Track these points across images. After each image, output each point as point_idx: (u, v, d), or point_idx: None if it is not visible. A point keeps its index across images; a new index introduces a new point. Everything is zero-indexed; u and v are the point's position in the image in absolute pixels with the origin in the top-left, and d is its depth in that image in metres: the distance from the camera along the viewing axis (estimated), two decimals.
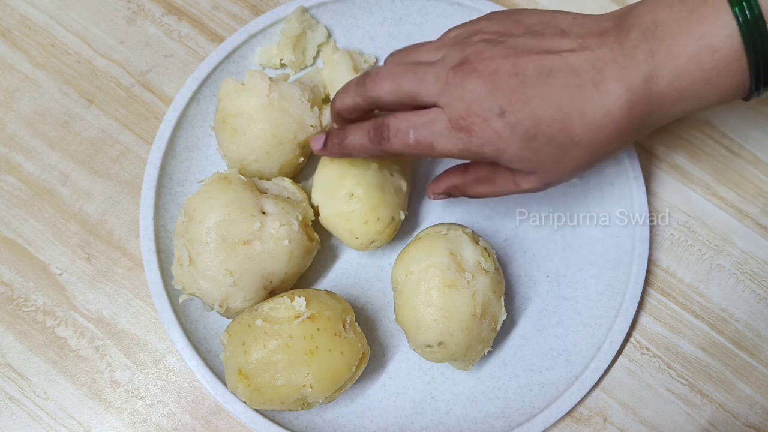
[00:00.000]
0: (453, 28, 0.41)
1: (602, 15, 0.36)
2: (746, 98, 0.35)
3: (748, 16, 0.31)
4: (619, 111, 0.34)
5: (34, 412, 0.46)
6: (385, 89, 0.38)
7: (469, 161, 0.42)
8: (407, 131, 0.37)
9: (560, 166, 0.37)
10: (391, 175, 0.45)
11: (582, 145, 0.35)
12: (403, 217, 0.45)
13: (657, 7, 0.34)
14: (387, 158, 0.45)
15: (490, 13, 0.40)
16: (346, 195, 0.43)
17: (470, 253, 0.42)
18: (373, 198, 0.43)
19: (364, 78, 0.39)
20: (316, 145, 0.42)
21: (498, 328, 0.42)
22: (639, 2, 0.35)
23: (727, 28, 0.31)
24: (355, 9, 0.52)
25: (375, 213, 0.43)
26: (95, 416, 0.46)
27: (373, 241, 0.44)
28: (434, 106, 0.37)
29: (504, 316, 0.42)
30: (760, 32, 0.31)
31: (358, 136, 0.40)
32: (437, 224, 0.45)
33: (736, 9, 0.31)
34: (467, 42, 0.37)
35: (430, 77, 0.37)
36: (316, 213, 0.45)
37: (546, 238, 0.49)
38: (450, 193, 0.43)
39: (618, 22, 0.35)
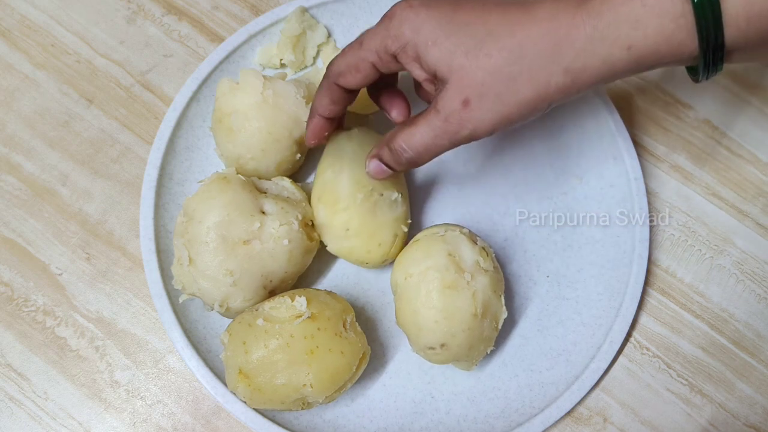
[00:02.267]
0: None
1: None
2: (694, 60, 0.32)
3: None
4: (541, 12, 0.33)
5: (34, 412, 0.46)
6: (346, 50, 0.39)
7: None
8: (344, 48, 0.39)
9: (473, 59, 0.34)
10: (381, 194, 0.44)
11: (496, 35, 0.33)
12: (406, 229, 0.45)
13: None
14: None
15: None
16: (342, 231, 0.43)
17: (468, 253, 0.42)
18: (368, 227, 0.43)
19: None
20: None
21: (499, 327, 0.42)
22: None
23: None
24: (355, 9, 0.52)
25: (375, 240, 0.43)
26: (95, 416, 0.46)
27: (384, 261, 0.45)
28: None
29: (505, 315, 0.42)
30: None
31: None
32: (434, 225, 0.45)
33: None
34: None
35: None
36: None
37: (546, 238, 0.49)
38: (380, 156, 0.39)
39: None
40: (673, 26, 0.31)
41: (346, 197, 0.43)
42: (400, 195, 0.45)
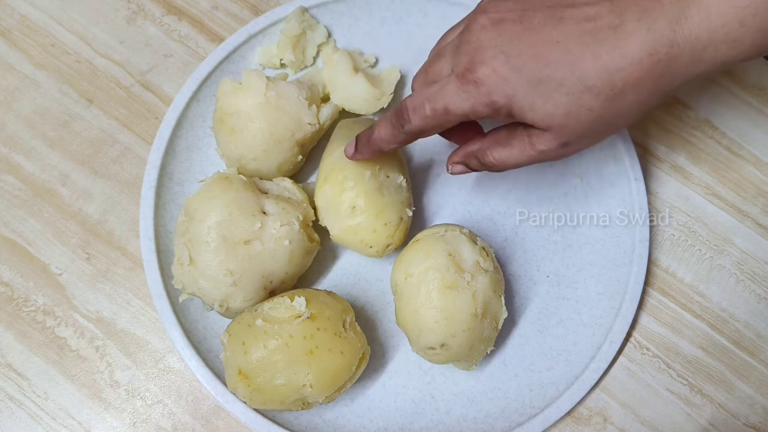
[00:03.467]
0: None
1: None
2: None
3: None
4: (639, 51, 0.31)
5: (34, 412, 0.46)
6: (419, 82, 0.40)
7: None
8: (422, 104, 0.37)
9: (574, 119, 0.34)
10: (387, 176, 0.45)
11: (596, 90, 0.33)
12: (410, 214, 0.45)
13: None
14: (381, 157, 0.44)
15: None
16: (349, 209, 0.43)
17: (469, 253, 0.42)
18: (376, 205, 0.43)
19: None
20: (349, 152, 0.42)
21: (499, 327, 0.42)
22: None
23: None
24: (355, 9, 0.52)
25: (381, 219, 0.43)
26: (95, 416, 0.46)
27: (387, 246, 0.44)
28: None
29: (505, 315, 0.42)
30: None
31: (382, 128, 0.40)
32: (434, 225, 0.45)
33: None
34: (478, 7, 0.37)
35: (447, 51, 0.37)
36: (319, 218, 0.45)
37: (546, 238, 0.49)
38: (467, 163, 0.42)
39: None
40: None
41: (354, 175, 0.43)
42: (405, 180, 0.45)
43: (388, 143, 0.40)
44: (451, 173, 0.43)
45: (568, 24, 0.33)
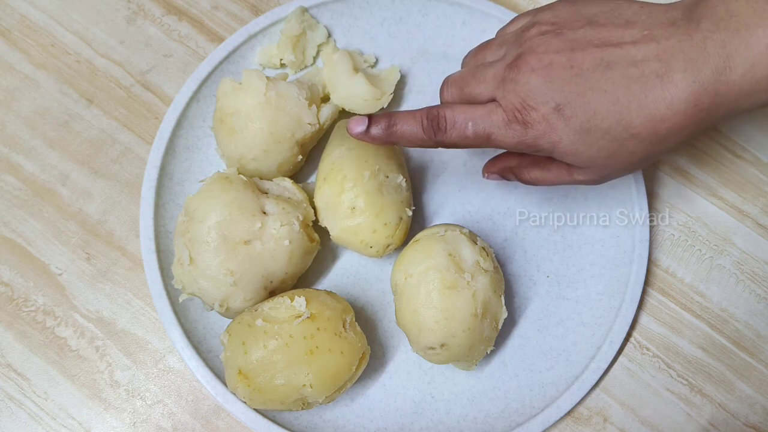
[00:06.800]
0: (514, 20, 0.41)
1: (671, 4, 0.35)
2: None
3: None
4: (683, 103, 0.32)
5: (34, 412, 0.46)
6: (452, 95, 0.39)
7: None
8: (465, 123, 0.37)
9: (616, 160, 0.35)
10: (387, 176, 0.44)
11: (640, 138, 0.34)
12: (410, 213, 0.45)
13: None
14: (381, 156, 0.44)
15: (553, 2, 0.39)
16: (348, 209, 0.43)
17: (469, 254, 0.42)
18: (375, 205, 0.43)
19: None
20: (357, 128, 0.38)
21: (499, 327, 0.42)
22: None
23: None
24: (355, 9, 0.52)
25: (381, 219, 0.43)
26: (95, 416, 0.46)
27: (388, 246, 0.44)
28: (492, 101, 0.37)
29: (505, 315, 0.42)
30: None
31: (409, 124, 0.38)
32: (434, 225, 0.45)
33: None
34: (524, 37, 0.37)
35: (489, 76, 0.37)
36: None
37: (546, 238, 0.49)
38: (504, 175, 0.44)
39: (688, 12, 0.33)
40: None
41: (354, 175, 0.43)
42: (404, 179, 0.45)
43: (409, 142, 0.38)
44: (487, 179, 0.46)
45: (616, 70, 0.33)
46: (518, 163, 0.42)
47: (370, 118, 0.38)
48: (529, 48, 0.36)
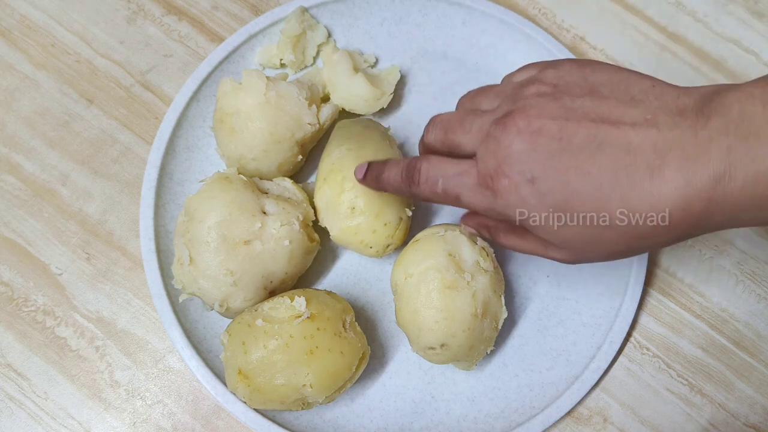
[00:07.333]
0: (523, 68, 0.38)
1: (686, 89, 0.31)
2: None
3: None
4: (671, 204, 0.29)
5: (34, 412, 0.46)
6: (436, 137, 0.38)
7: None
8: (436, 180, 0.36)
9: (595, 247, 0.33)
10: None
11: (619, 231, 0.31)
12: (410, 213, 0.45)
13: (748, 100, 0.28)
14: (380, 156, 0.44)
15: (563, 60, 0.35)
16: (348, 210, 0.43)
17: (468, 253, 0.42)
18: (375, 206, 0.43)
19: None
20: (358, 175, 0.41)
21: (499, 327, 0.42)
22: (730, 87, 0.30)
23: None
24: (355, 9, 0.52)
25: (381, 219, 0.43)
26: (95, 416, 0.46)
27: (387, 246, 0.44)
28: (473, 156, 0.35)
29: (505, 315, 0.42)
30: None
31: (393, 173, 0.39)
32: (434, 225, 0.45)
33: None
34: (521, 93, 0.34)
35: (475, 128, 0.35)
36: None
37: None
38: (480, 232, 0.42)
39: (701, 104, 0.30)
40: None
41: (353, 176, 0.43)
42: None
43: (395, 190, 0.39)
44: (464, 226, 0.43)
45: (607, 153, 0.30)
46: (495, 224, 0.40)
47: (369, 164, 0.40)
48: (521, 107, 0.33)
